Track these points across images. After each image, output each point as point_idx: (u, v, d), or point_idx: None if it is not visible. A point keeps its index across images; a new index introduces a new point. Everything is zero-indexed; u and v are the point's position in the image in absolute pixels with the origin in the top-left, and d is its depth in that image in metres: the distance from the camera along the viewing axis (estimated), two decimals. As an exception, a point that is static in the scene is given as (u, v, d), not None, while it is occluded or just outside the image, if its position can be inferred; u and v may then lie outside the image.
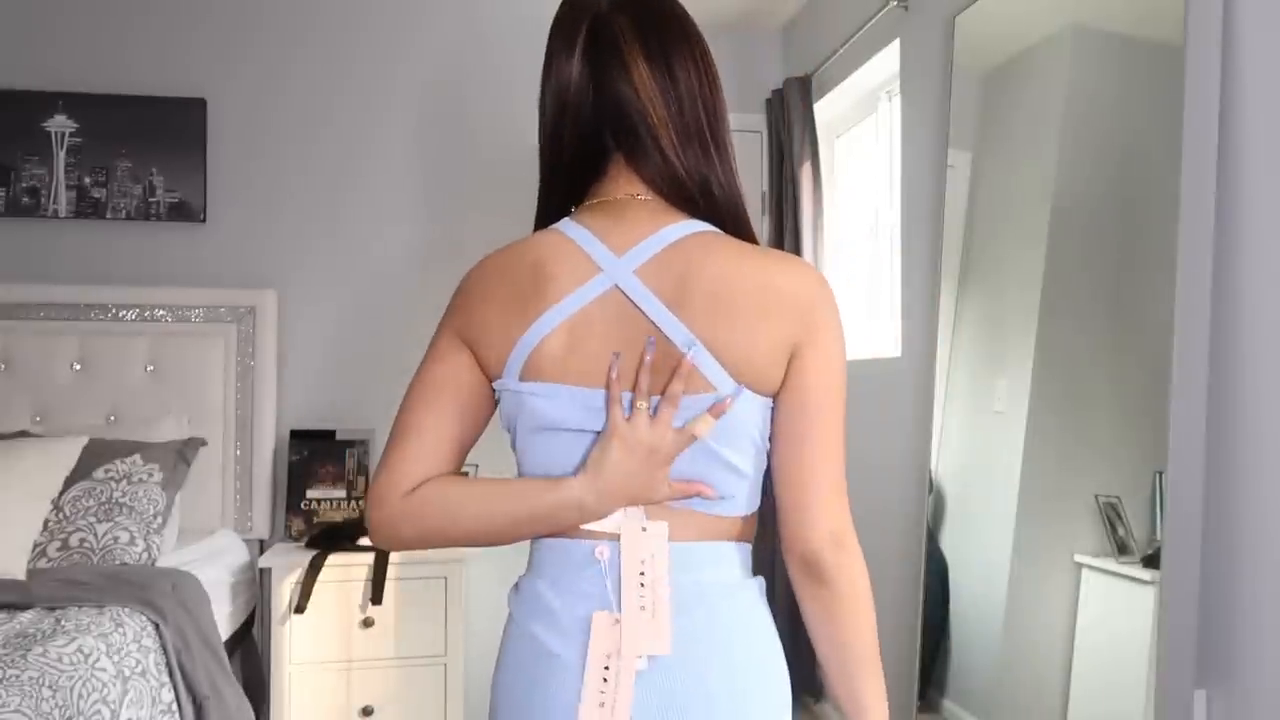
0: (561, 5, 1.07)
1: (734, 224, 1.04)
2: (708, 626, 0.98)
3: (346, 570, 2.62)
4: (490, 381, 1.03)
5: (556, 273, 0.98)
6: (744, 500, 1.03)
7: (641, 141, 1.00)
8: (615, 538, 0.98)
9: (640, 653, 0.94)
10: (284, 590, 2.60)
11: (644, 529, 0.97)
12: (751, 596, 1.04)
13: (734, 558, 1.03)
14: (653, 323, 0.97)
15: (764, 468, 1.04)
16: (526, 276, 0.99)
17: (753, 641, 1.01)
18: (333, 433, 2.99)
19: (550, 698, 0.97)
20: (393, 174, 3.12)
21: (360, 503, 2.93)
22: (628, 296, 0.98)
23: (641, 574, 0.96)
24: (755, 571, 1.08)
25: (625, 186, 1.02)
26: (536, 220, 1.09)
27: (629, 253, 0.98)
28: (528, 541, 1.05)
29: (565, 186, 1.06)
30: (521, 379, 0.99)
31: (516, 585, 1.06)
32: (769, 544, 1.17)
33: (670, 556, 0.98)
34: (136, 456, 2.56)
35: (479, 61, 3.16)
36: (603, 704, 0.93)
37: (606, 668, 0.94)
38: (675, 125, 1.00)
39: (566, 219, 1.04)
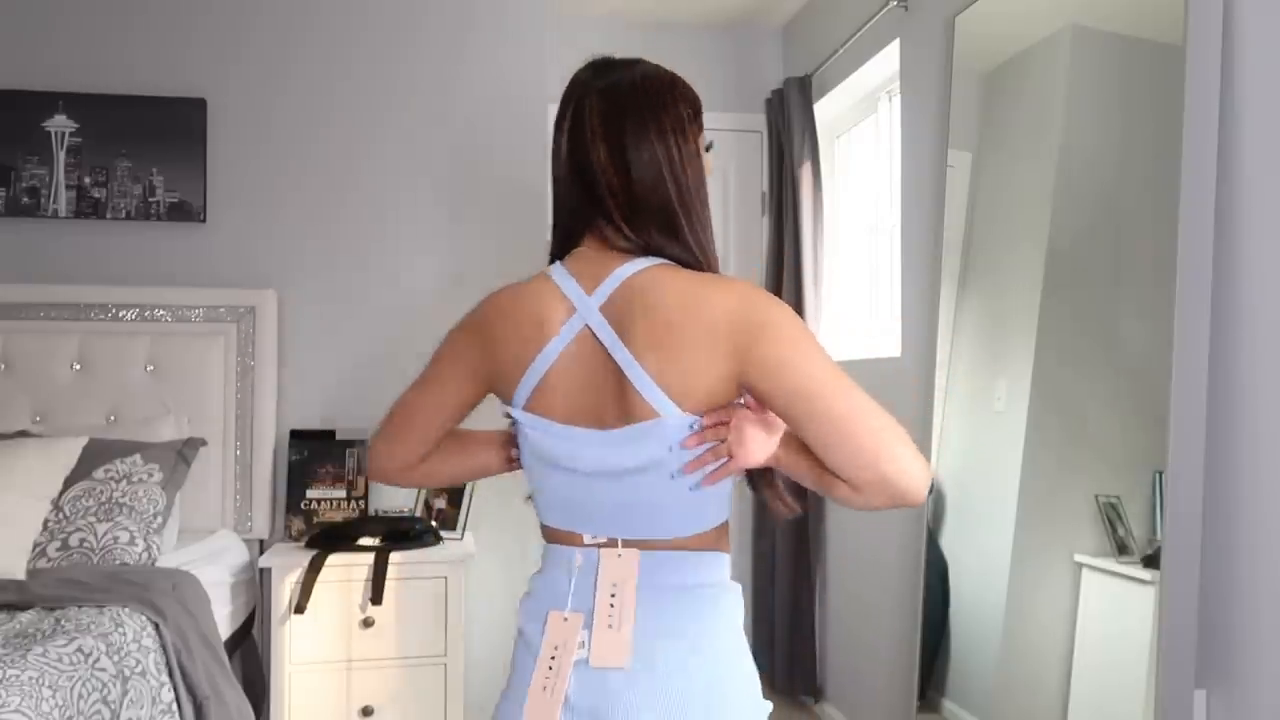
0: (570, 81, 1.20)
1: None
2: (668, 628, 1.08)
3: (347, 570, 2.62)
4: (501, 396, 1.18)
5: (546, 317, 1.12)
6: (711, 516, 1.13)
7: (604, 211, 1.13)
8: (596, 548, 1.12)
9: (604, 664, 1.07)
10: (284, 590, 2.60)
11: (619, 555, 1.10)
12: (714, 599, 1.12)
13: (702, 564, 1.12)
14: (612, 357, 1.08)
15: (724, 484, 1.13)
16: (525, 320, 1.13)
17: (716, 644, 1.10)
18: (333, 433, 2.98)
19: (519, 680, 1.13)
20: (392, 173, 3.12)
21: (361, 503, 2.93)
22: (594, 333, 1.10)
23: (612, 595, 1.09)
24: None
25: (599, 238, 1.15)
26: (550, 255, 1.22)
27: (595, 292, 1.11)
28: (537, 541, 1.21)
29: (565, 233, 1.19)
30: (525, 409, 1.13)
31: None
32: (769, 544, 1.22)
33: (643, 563, 1.10)
34: (136, 456, 2.56)
35: (477, 61, 3.16)
36: (545, 688, 1.08)
37: (554, 658, 1.09)
38: (631, 200, 1.11)
39: (557, 263, 1.16)
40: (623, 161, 1.11)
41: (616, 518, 1.11)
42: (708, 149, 1.20)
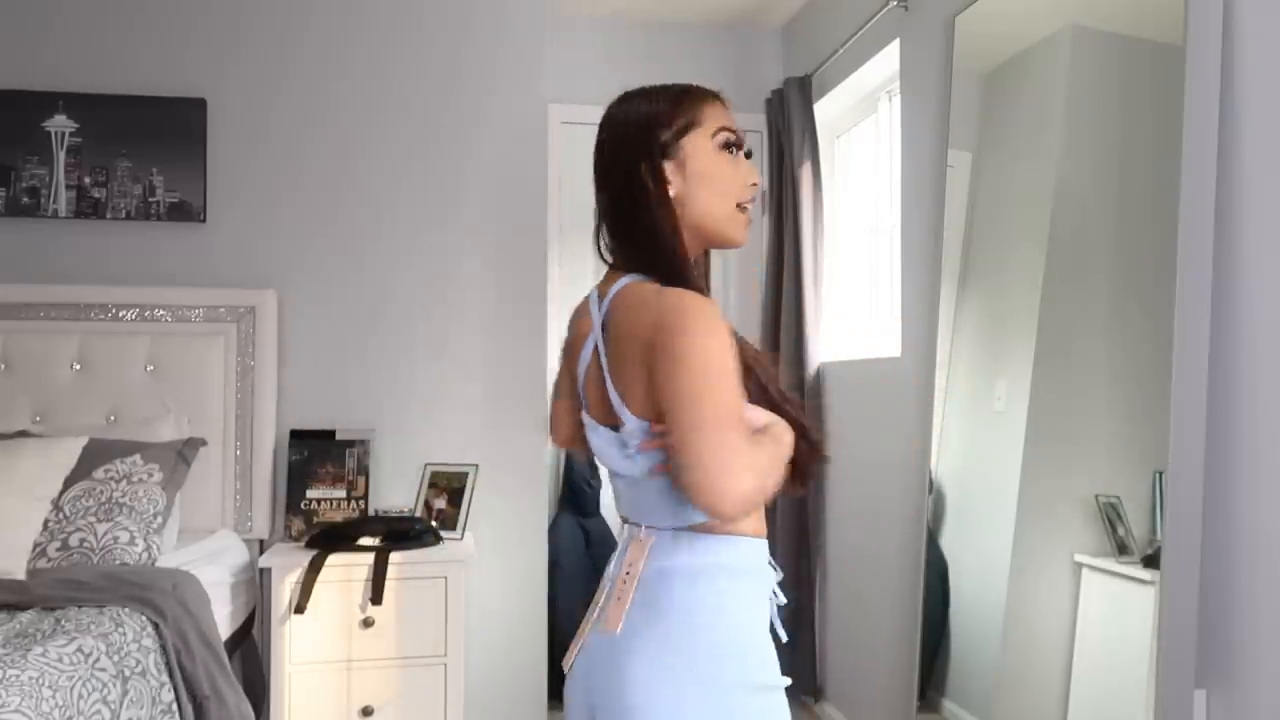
0: None
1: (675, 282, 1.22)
2: (662, 605, 1.19)
3: (347, 570, 2.62)
4: None
5: (582, 330, 1.32)
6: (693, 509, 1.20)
7: (603, 234, 1.32)
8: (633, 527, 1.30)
9: (604, 629, 1.23)
10: (284, 590, 2.60)
11: (640, 538, 1.25)
12: (709, 579, 1.20)
13: (701, 546, 1.21)
14: (603, 369, 1.24)
15: None
16: (577, 332, 1.35)
17: (691, 621, 1.18)
18: (333, 433, 2.98)
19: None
20: (392, 173, 3.12)
21: (361, 503, 2.93)
22: (598, 346, 1.26)
23: (627, 572, 1.24)
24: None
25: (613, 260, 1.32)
26: None
27: (601, 309, 1.26)
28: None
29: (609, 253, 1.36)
30: (585, 409, 1.32)
31: None
32: (768, 544, 1.32)
33: (655, 545, 1.23)
34: (136, 456, 2.56)
35: (476, 61, 3.16)
36: (578, 636, 1.31)
37: (589, 614, 1.31)
38: (608, 227, 1.30)
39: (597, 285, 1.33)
40: (599, 201, 1.30)
41: (633, 506, 1.29)
42: (728, 148, 1.28)
